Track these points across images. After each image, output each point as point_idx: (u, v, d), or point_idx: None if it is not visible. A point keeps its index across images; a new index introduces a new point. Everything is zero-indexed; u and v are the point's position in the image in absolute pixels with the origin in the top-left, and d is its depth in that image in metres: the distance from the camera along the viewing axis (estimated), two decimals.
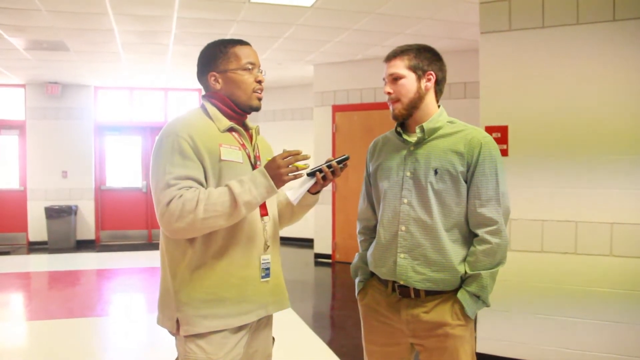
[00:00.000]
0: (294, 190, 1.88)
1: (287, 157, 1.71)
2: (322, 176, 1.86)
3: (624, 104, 3.34)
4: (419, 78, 1.93)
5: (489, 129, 3.58)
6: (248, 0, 4.82)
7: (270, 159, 1.74)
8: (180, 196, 1.65)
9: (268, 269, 1.85)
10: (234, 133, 1.84)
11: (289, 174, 1.71)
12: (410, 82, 1.93)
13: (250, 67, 1.84)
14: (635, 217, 3.29)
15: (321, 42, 6.54)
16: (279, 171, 1.70)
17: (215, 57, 1.85)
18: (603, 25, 3.36)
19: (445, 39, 6.11)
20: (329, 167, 1.85)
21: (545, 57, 3.54)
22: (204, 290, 1.73)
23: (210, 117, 1.82)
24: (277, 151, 2.08)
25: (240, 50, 1.85)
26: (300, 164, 1.73)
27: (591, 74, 3.42)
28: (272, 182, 1.69)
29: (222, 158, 1.74)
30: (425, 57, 1.94)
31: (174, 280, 1.76)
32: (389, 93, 1.95)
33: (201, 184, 1.71)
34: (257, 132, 1.96)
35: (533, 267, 3.57)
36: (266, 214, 1.87)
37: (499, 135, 3.62)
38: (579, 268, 3.44)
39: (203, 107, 1.87)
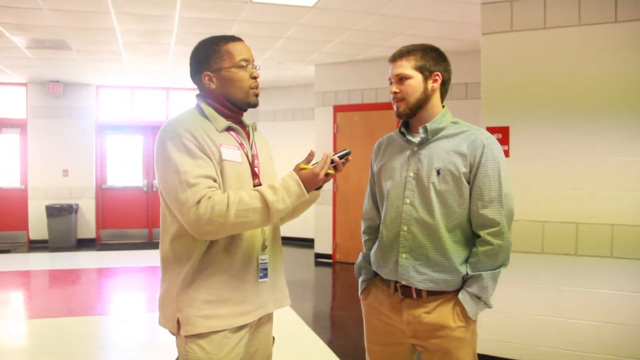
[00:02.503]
0: (321, 183, 1.87)
1: (323, 166, 1.73)
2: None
3: (626, 105, 3.33)
4: (426, 79, 1.93)
5: (491, 130, 3.57)
6: (250, 0, 4.82)
7: (308, 167, 1.74)
8: (209, 197, 1.62)
9: (266, 269, 1.84)
10: (232, 132, 1.83)
11: None
12: (417, 83, 1.92)
13: (244, 64, 1.81)
14: (635, 218, 3.29)
15: (322, 42, 6.55)
16: (318, 184, 1.74)
17: (208, 55, 1.81)
18: (605, 27, 3.36)
19: (447, 40, 6.11)
20: (331, 162, 1.84)
21: (546, 58, 3.54)
22: (206, 291, 1.73)
23: (207, 118, 1.79)
24: (274, 147, 2.07)
25: (232, 47, 1.81)
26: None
27: (593, 76, 3.41)
28: (304, 191, 1.70)
29: (224, 158, 1.73)
30: (432, 58, 1.94)
31: (176, 281, 1.76)
32: (395, 93, 1.95)
33: (216, 182, 1.69)
34: (254, 129, 1.95)
35: (533, 268, 3.57)
36: None
37: (500, 136, 3.62)
38: (580, 269, 3.44)
39: (198, 107, 1.83)
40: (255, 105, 1.87)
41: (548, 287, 3.54)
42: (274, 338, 2.00)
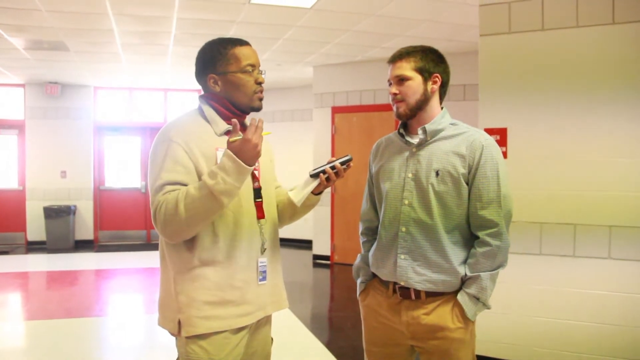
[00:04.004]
0: (297, 191, 1.88)
1: (255, 131, 1.63)
2: (326, 177, 1.85)
3: (625, 106, 3.34)
4: (426, 80, 1.93)
5: (489, 131, 3.53)
6: (248, 1, 4.83)
7: (238, 138, 1.64)
8: (164, 201, 1.66)
9: (265, 271, 1.84)
10: None
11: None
12: (417, 84, 1.93)
13: (250, 69, 1.81)
14: (633, 220, 3.30)
15: (321, 44, 6.55)
16: (256, 150, 1.64)
17: (214, 58, 1.82)
18: (603, 29, 3.37)
19: (445, 41, 6.12)
20: (332, 167, 1.85)
21: (544, 60, 3.55)
22: (207, 292, 1.73)
23: (207, 120, 1.81)
24: (273, 148, 2.07)
25: (239, 51, 1.82)
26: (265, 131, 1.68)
27: (591, 77, 3.42)
28: (241, 162, 1.62)
29: (219, 162, 1.73)
30: (431, 59, 1.95)
31: (176, 282, 1.76)
32: (395, 94, 1.95)
33: None
34: None
35: (531, 270, 3.57)
36: (262, 217, 1.86)
37: (498, 137, 3.63)
38: (578, 271, 3.45)
39: (200, 109, 1.85)
40: (259, 109, 1.87)
41: (546, 289, 3.55)
42: (272, 339, 2.00)
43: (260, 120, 1.66)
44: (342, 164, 1.84)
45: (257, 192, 1.84)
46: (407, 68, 1.93)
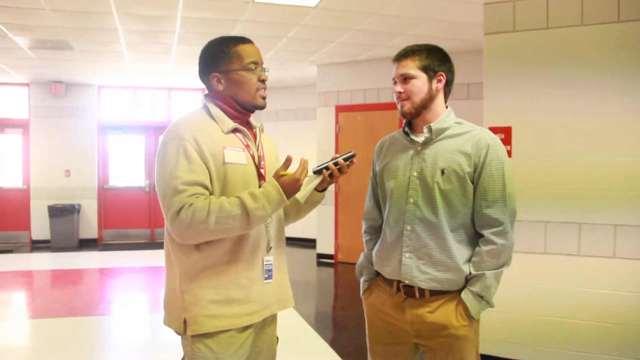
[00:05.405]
0: (300, 188, 1.88)
1: (302, 171, 1.75)
2: (329, 173, 1.85)
3: (630, 105, 3.33)
4: (430, 79, 1.93)
5: (493, 130, 3.54)
6: (252, 0, 4.83)
7: (288, 173, 1.75)
8: (191, 205, 1.64)
9: (270, 270, 1.85)
10: (237, 134, 1.83)
11: None
12: (421, 83, 1.92)
13: (253, 67, 1.81)
14: (638, 219, 3.29)
15: (325, 43, 6.55)
16: (298, 190, 1.75)
17: (217, 57, 1.82)
18: (608, 27, 3.35)
19: (449, 40, 6.10)
20: (336, 164, 1.85)
21: (549, 58, 3.54)
22: (212, 291, 1.73)
23: (213, 119, 1.80)
24: (280, 149, 2.07)
25: (242, 49, 1.82)
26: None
27: (595, 76, 3.41)
28: (284, 198, 1.71)
29: (226, 161, 1.73)
30: (436, 58, 1.94)
31: (181, 281, 1.76)
32: (399, 92, 1.95)
33: (208, 189, 1.70)
34: (261, 131, 1.95)
35: (536, 269, 3.56)
36: None
37: (503, 136, 3.62)
38: (582, 270, 3.44)
39: (205, 108, 1.84)
40: (262, 108, 1.87)
41: (550, 288, 3.54)
42: (277, 338, 2.00)
43: (306, 161, 1.77)
44: (345, 160, 1.85)
45: None
46: (412, 66, 1.92)
